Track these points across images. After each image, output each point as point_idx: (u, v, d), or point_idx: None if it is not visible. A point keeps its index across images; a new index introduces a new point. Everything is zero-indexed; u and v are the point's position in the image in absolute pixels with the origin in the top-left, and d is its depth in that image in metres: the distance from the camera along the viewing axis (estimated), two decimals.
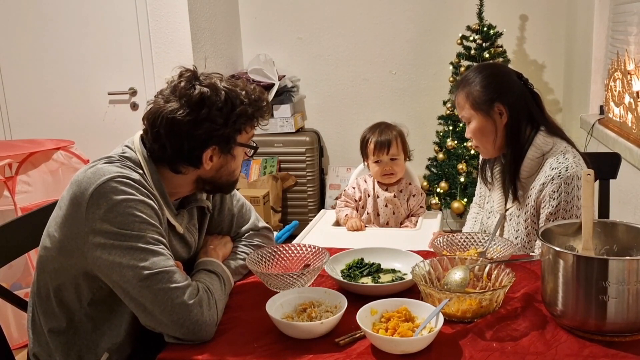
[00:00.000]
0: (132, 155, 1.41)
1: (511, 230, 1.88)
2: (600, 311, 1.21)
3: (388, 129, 2.44)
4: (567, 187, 1.73)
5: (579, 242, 1.36)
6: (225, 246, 1.62)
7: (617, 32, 3.12)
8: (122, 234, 1.27)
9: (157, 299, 1.26)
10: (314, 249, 1.62)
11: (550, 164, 1.77)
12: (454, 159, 3.85)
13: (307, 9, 4.21)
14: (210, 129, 1.37)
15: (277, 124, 4.10)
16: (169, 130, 1.36)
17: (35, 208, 1.72)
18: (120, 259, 1.27)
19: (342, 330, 1.30)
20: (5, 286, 1.72)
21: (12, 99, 3.85)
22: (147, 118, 1.40)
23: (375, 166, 2.42)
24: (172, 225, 1.46)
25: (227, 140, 1.41)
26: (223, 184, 1.51)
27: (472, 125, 1.84)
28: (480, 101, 1.80)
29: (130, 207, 1.29)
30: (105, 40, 3.71)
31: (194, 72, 1.42)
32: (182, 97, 1.37)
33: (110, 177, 1.31)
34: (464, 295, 1.32)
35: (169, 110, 1.35)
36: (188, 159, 1.40)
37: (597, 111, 3.31)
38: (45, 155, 2.98)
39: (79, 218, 1.29)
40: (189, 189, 1.49)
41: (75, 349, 1.41)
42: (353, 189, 2.45)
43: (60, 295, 1.40)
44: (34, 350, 1.45)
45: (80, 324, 1.41)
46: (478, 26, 3.75)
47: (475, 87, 1.81)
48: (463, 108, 1.85)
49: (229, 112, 1.38)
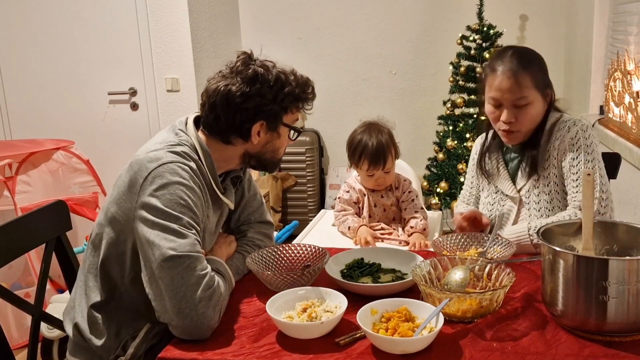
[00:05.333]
0: (187, 140, 1.52)
1: (532, 206, 1.85)
2: (600, 311, 1.21)
3: (380, 136, 2.24)
4: (584, 134, 1.78)
5: (579, 242, 1.36)
6: (229, 246, 1.64)
7: (617, 32, 3.12)
8: (164, 211, 1.36)
9: (172, 282, 1.31)
10: (314, 249, 1.62)
11: (562, 119, 1.84)
12: (454, 159, 3.85)
13: (307, 9, 4.21)
14: (259, 104, 1.50)
15: None
16: (223, 101, 1.49)
17: (35, 208, 1.72)
18: (154, 237, 1.34)
19: (342, 330, 1.30)
20: (5, 286, 1.72)
21: (12, 99, 3.85)
22: (206, 91, 1.53)
23: (367, 178, 2.28)
24: (221, 203, 1.58)
25: (275, 117, 1.53)
26: (267, 160, 1.61)
27: (532, 107, 1.78)
28: (542, 83, 1.80)
29: (181, 190, 1.39)
30: (105, 40, 3.71)
31: (250, 54, 1.57)
32: (238, 74, 1.51)
33: (170, 159, 1.42)
34: (464, 295, 1.32)
35: (225, 84, 1.50)
36: (239, 130, 1.52)
37: (597, 111, 3.31)
38: (45, 155, 2.98)
39: (134, 193, 1.40)
40: (236, 162, 1.60)
41: (114, 322, 1.51)
42: (348, 193, 2.36)
43: (106, 269, 1.50)
44: (76, 320, 1.53)
45: (121, 300, 1.51)
46: (478, 26, 3.75)
47: (535, 68, 1.80)
48: (526, 89, 1.76)
49: (278, 90, 1.51)
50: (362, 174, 2.28)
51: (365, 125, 2.31)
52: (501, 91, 1.76)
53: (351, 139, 2.30)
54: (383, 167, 2.21)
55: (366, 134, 2.25)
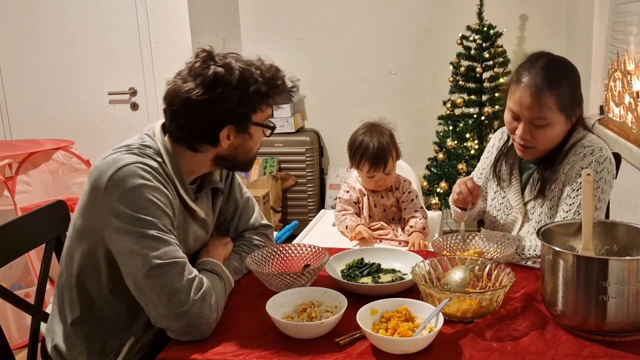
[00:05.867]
0: (151, 144, 1.44)
1: (532, 224, 1.79)
2: (600, 311, 1.21)
3: (381, 137, 2.22)
4: (597, 166, 1.65)
5: (579, 242, 1.36)
6: (225, 246, 1.63)
7: (617, 32, 3.12)
8: (136, 217, 1.30)
9: (163, 289, 1.28)
10: (314, 249, 1.62)
11: (583, 143, 1.70)
12: (454, 159, 3.85)
13: (307, 9, 4.21)
14: (225, 108, 1.39)
15: (277, 124, 4.10)
16: (185, 109, 1.39)
17: (35, 208, 1.72)
18: (133, 246, 1.30)
19: (342, 330, 1.30)
20: (5, 286, 1.72)
21: (12, 99, 3.85)
22: (166, 98, 1.43)
23: (368, 179, 2.27)
24: (192, 210, 1.49)
25: (243, 119, 1.44)
26: (240, 162, 1.54)
27: (552, 129, 1.66)
28: (568, 105, 1.65)
29: (146, 192, 1.33)
30: (105, 40, 3.71)
31: (210, 52, 1.44)
32: (197, 77, 1.39)
33: (128, 162, 1.35)
34: (464, 295, 1.33)
35: (185, 90, 1.38)
36: (205, 137, 1.43)
37: (597, 111, 3.31)
38: (45, 155, 2.98)
39: (98, 202, 1.33)
40: (207, 166, 1.52)
41: (98, 335, 1.45)
42: (348, 193, 2.36)
43: (81, 284, 1.44)
44: (55, 342, 1.48)
45: (101, 312, 1.45)
46: (478, 26, 3.75)
47: (563, 87, 1.64)
48: (547, 110, 1.63)
49: (243, 90, 1.40)
50: (363, 175, 2.27)
51: (366, 126, 2.30)
52: (520, 106, 1.65)
53: (352, 140, 2.29)
54: (384, 169, 2.20)
55: (367, 135, 2.24)
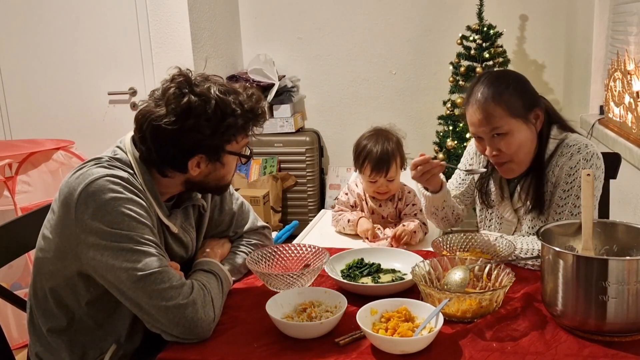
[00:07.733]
0: (122, 156, 1.40)
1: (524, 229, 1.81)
2: (600, 311, 1.21)
3: (386, 143, 2.21)
4: (586, 164, 1.65)
5: (579, 242, 1.36)
6: (223, 246, 1.62)
7: (617, 32, 3.12)
8: (112, 233, 1.27)
9: (151, 300, 1.27)
10: (314, 249, 1.62)
11: (567, 142, 1.70)
12: (454, 159, 3.85)
13: (307, 9, 4.21)
14: (196, 139, 1.34)
15: (277, 124, 4.10)
16: (154, 136, 1.34)
17: (35, 208, 1.72)
18: (113, 261, 1.27)
19: (342, 330, 1.30)
20: (5, 286, 1.72)
21: (12, 99, 3.85)
22: (137, 119, 1.38)
23: (369, 184, 2.26)
24: (167, 225, 1.45)
25: (215, 150, 1.38)
26: (212, 188, 1.50)
27: (513, 137, 1.66)
28: (520, 108, 1.66)
29: (119, 205, 1.29)
30: (105, 40, 3.70)
31: (187, 77, 1.37)
32: (169, 104, 1.33)
33: (97, 176, 1.31)
34: (464, 295, 1.33)
35: (156, 115, 1.33)
36: (173, 164, 1.38)
37: (597, 111, 3.31)
38: (45, 155, 2.97)
39: (70, 220, 1.30)
40: (178, 189, 1.48)
41: (78, 345, 1.43)
42: (346, 195, 2.36)
43: (57, 296, 1.41)
44: (35, 350, 1.46)
45: (82, 322, 1.42)
46: (478, 26, 3.74)
47: (508, 94, 1.65)
48: (499, 120, 1.64)
49: (217, 122, 1.34)
50: (365, 179, 2.27)
51: (373, 130, 2.30)
52: (474, 125, 1.69)
53: (357, 143, 2.29)
54: (386, 174, 2.19)
55: (372, 139, 2.24)
